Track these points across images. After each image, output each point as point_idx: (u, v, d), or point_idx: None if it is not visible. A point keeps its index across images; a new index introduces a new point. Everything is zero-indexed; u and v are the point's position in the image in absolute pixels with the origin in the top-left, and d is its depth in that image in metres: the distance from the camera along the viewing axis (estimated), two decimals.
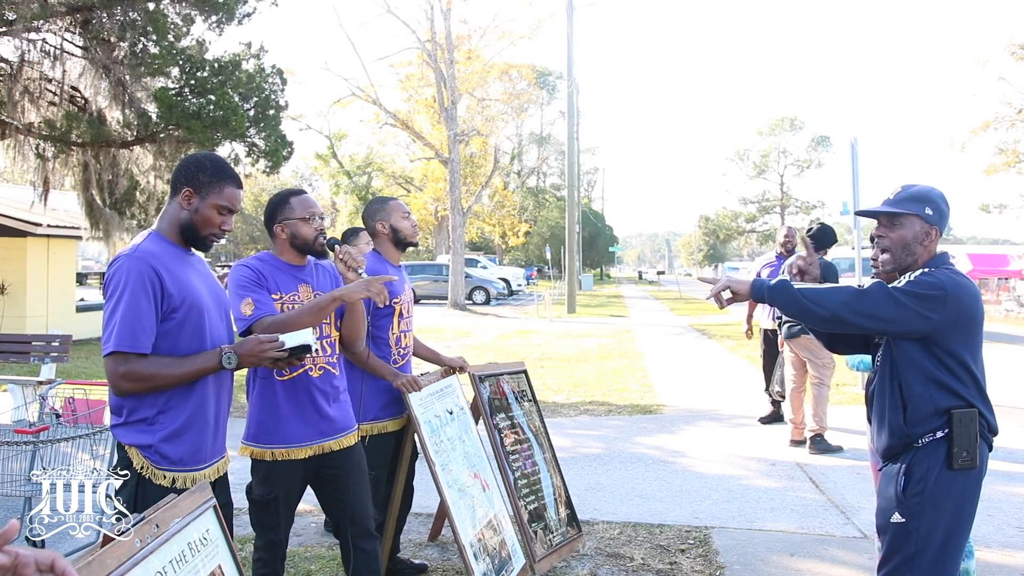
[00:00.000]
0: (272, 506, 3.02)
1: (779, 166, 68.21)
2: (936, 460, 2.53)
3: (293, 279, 3.09)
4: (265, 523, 3.06)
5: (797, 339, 6.86)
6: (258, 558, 3.10)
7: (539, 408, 4.83)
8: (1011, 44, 31.12)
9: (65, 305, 16.17)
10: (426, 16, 27.47)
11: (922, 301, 2.51)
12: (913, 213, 2.64)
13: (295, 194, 3.16)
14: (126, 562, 1.74)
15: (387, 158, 43.32)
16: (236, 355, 2.47)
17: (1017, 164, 32.56)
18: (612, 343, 16.10)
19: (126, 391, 2.37)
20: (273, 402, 3.01)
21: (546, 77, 57.25)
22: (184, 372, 2.40)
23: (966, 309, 2.55)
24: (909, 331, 2.55)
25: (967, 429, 2.50)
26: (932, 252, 2.67)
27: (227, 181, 2.57)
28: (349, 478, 3.12)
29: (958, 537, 2.56)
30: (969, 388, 2.55)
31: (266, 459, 3.00)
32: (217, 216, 2.55)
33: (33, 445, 4.34)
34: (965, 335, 2.56)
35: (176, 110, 11.57)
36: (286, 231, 3.08)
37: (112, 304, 2.37)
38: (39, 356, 7.70)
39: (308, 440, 3.02)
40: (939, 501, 2.53)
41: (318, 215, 3.13)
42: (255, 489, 3.06)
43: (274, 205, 3.13)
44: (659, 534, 4.79)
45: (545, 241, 54.46)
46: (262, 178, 23.17)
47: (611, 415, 8.58)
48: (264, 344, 2.50)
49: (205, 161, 2.58)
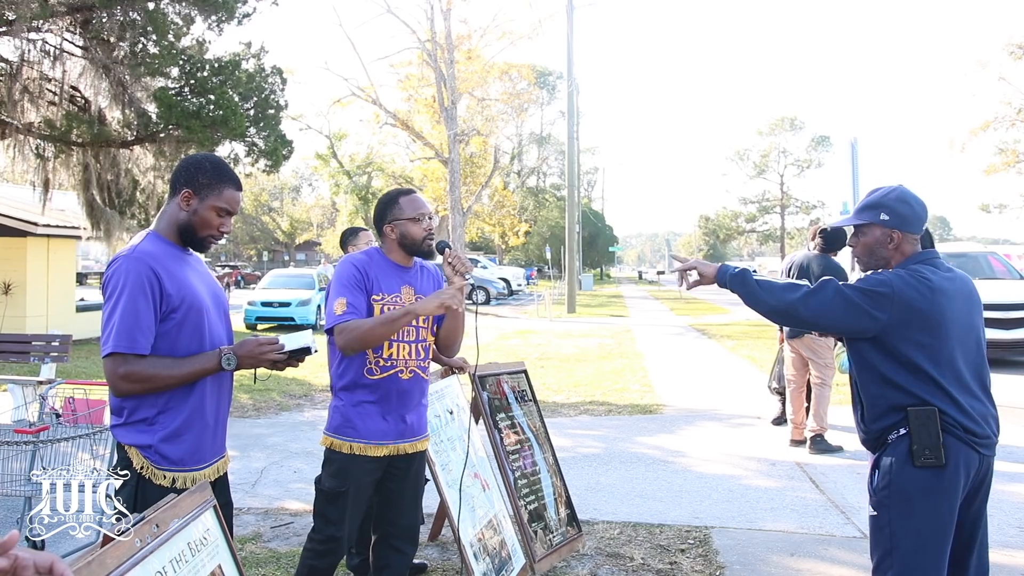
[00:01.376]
0: (341, 500, 2.99)
1: (779, 166, 68.16)
2: (900, 456, 2.58)
3: (398, 280, 3.09)
4: (330, 517, 3.02)
5: (800, 339, 6.86)
6: (310, 548, 3.06)
7: (539, 408, 4.83)
8: (1010, 44, 31.13)
9: (65, 305, 16.17)
10: (426, 16, 27.52)
11: (868, 298, 2.58)
12: (870, 222, 2.74)
13: (404, 194, 3.16)
14: (126, 562, 1.74)
15: (387, 158, 43.30)
16: (236, 356, 2.47)
17: (1017, 164, 32.56)
18: (612, 343, 16.11)
19: (125, 392, 2.37)
20: (361, 398, 3.01)
21: (546, 77, 57.28)
22: (183, 373, 2.40)
23: (916, 307, 2.56)
24: (858, 330, 2.62)
25: (926, 427, 2.53)
26: (905, 253, 2.71)
27: (227, 183, 2.55)
28: (409, 480, 3.15)
29: (934, 540, 2.55)
30: (927, 386, 2.56)
31: (343, 452, 2.99)
32: (216, 218, 2.54)
33: (33, 445, 4.34)
34: (920, 333, 2.56)
35: (176, 110, 11.56)
36: (395, 231, 3.08)
37: (111, 305, 2.36)
38: (39, 356, 7.70)
39: (388, 439, 3.03)
40: (907, 497, 2.56)
41: (427, 215, 3.12)
42: (325, 481, 3.04)
43: (384, 205, 3.13)
44: (659, 534, 4.79)
45: (545, 241, 54.48)
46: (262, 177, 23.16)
47: (611, 415, 8.58)
48: (263, 346, 2.50)
49: (205, 163, 2.56)
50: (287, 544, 4.61)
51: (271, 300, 19.81)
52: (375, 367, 3.00)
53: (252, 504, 5.29)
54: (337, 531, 3.02)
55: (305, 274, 22.65)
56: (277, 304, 19.67)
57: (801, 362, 6.98)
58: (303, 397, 9.72)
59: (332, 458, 3.04)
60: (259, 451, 6.91)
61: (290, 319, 19.47)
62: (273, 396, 9.62)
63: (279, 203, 70.89)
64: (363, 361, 2.98)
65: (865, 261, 2.80)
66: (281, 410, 8.95)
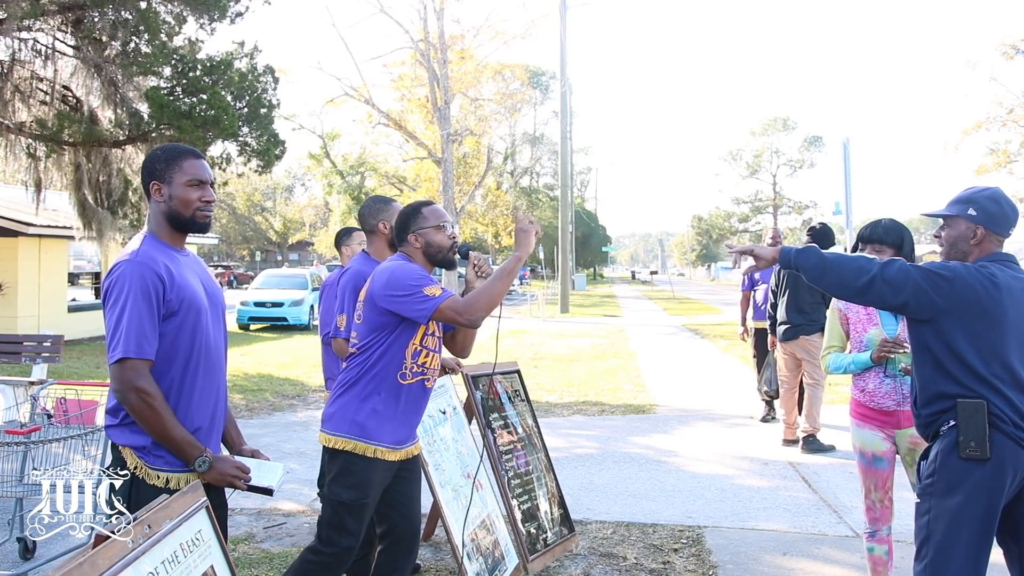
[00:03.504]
0: (363, 511, 2.95)
1: (772, 166, 68.36)
2: (947, 447, 2.62)
3: None
4: (349, 528, 2.94)
5: (795, 340, 6.88)
6: (317, 561, 2.95)
7: (532, 408, 4.83)
8: (1002, 44, 31.20)
9: (57, 305, 16.11)
10: (419, 16, 27.49)
11: (929, 280, 2.64)
12: (957, 215, 2.82)
13: (426, 204, 3.19)
14: (117, 563, 1.73)
15: (380, 158, 43.20)
16: (209, 465, 2.42)
17: (1008, 164, 32.66)
18: (605, 343, 16.12)
19: (128, 404, 2.34)
20: (386, 402, 2.98)
21: (539, 77, 57.20)
22: (172, 434, 2.37)
23: (974, 296, 2.61)
24: (918, 309, 2.66)
25: (973, 419, 2.57)
26: (985, 251, 2.79)
27: (181, 156, 2.54)
28: (415, 483, 3.18)
29: (971, 534, 2.57)
30: (975, 378, 2.60)
31: (366, 455, 2.93)
32: (191, 191, 2.52)
33: (24, 446, 4.32)
34: (976, 323, 2.61)
35: (168, 109, 11.52)
36: (420, 240, 3.09)
37: (117, 311, 2.35)
38: (30, 356, 7.65)
39: (405, 443, 3.05)
40: (949, 488, 2.60)
41: (451, 224, 3.16)
42: (343, 492, 2.93)
43: (407, 216, 3.14)
44: (652, 534, 4.80)
45: (538, 241, 54.34)
46: (255, 177, 23.11)
47: (604, 415, 8.59)
48: (232, 476, 2.46)
49: (157, 151, 2.58)
50: (280, 545, 4.60)
51: (264, 300, 19.77)
52: (409, 372, 2.99)
53: (245, 505, 5.29)
54: (355, 541, 2.96)
55: (298, 274, 22.60)
56: (270, 304, 19.63)
57: (794, 363, 7.00)
58: (296, 397, 9.70)
59: (351, 465, 2.94)
60: None
61: (283, 319, 19.44)
62: (266, 396, 9.60)
63: (272, 203, 70.62)
64: (399, 365, 2.96)
65: (946, 253, 2.86)
66: (274, 410, 8.93)
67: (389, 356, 2.95)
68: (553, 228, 41.05)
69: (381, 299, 2.93)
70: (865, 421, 3.52)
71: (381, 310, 2.94)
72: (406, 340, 2.97)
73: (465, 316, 2.86)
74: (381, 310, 2.94)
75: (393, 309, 2.91)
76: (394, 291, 2.91)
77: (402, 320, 2.94)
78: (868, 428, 3.51)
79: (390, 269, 3.00)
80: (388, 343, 2.95)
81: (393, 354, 2.95)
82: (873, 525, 3.53)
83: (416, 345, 2.99)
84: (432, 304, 2.86)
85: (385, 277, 2.96)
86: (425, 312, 2.87)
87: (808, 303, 6.79)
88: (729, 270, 68.84)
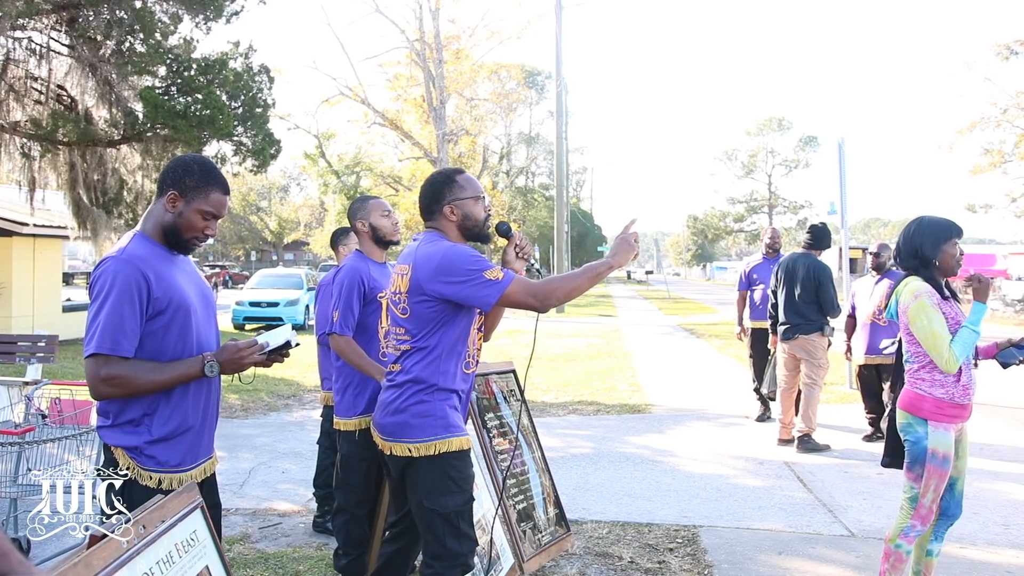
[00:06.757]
0: (471, 507, 2.84)
1: (767, 166, 68.49)
2: None
3: None
4: (466, 532, 2.78)
5: (794, 340, 6.89)
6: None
7: (528, 408, 4.83)
8: (997, 44, 31.30)
9: (51, 305, 16.06)
10: (415, 15, 27.51)
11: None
12: None
13: (459, 172, 2.92)
14: (112, 563, 1.73)
15: (376, 158, 43.18)
16: (218, 363, 2.45)
17: (1003, 164, 32.76)
18: (601, 343, 16.13)
19: (105, 395, 2.35)
20: (456, 392, 2.84)
21: (535, 77, 57.20)
22: (165, 379, 2.38)
23: None
24: None
25: None
26: None
27: (214, 186, 2.53)
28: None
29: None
30: None
31: (463, 449, 2.79)
32: (201, 221, 2.52)
33: (19, 446, 4.31)
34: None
35: (163, 109, 11.50)
36: (457, 212, 2.83)
37: (96, 307, 2.35)
38: (25, 356, 7.63)
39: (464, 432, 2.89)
40: None
41: (485, 195, 2.93)
42: (455, 500, 2.75)
43: (440, 186, 2.87)
44: (648, 533, 4.80)
45: (534, 241, 54.50)
46: (250, 177, 23.06)
47: (600, 415, 8.59)
48: (243, 351, 2.47)
49: (193, 165, 2.54)
50: (275, 545, 4.59)
51: (259, 300, 19.73)
52: (472, 361, 2.86)
53: (240, 505, 5.27)
54: (475, 539, 2.82)
55: (293, 274, 22.56)
56: (265, 304, 19.59)
57: (793, 363, 7.01)
58: (291, 397, 9.68)
59: (451, 467, 2.73)
60: (247, 452, 6.89)
61: (278, 319, 19.39)
62: (261, 396, 9.58)
63: (267, 203, 70.59)
64: (462, 355, 2.81)
65: None
66: (269, 410, 8.91)
67: (451, 346, 2.77)
68: (548, 228, 41.06)
69: (434, 287, 2.69)
70: (951, 422, 3.37)
71: (434, 300, 2.70)
72: (467, 327, 2.80)
73: (543, 301, 2.68)
74: (434, 300, 2.70)
75: (450, 296, 2.68)
76: (450, 277, 2.66)
77: (459, 307, 2.73)
78: (945, 428, 3.36)
79: (438, 253, 2.72)
80: (446, 333, 2.75)
81: (454, 344, 2.77)
82: (923, 526, 3.40)
83: (474, 332, 2.85)
84: (498, 288, 2.64)
85: (435, 263, 2.70)
86: (491, 298, 2.64)
87: (804, 303, 6.81)
88: (724, 270, 68.91)
